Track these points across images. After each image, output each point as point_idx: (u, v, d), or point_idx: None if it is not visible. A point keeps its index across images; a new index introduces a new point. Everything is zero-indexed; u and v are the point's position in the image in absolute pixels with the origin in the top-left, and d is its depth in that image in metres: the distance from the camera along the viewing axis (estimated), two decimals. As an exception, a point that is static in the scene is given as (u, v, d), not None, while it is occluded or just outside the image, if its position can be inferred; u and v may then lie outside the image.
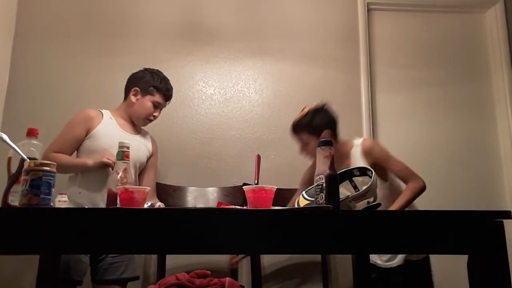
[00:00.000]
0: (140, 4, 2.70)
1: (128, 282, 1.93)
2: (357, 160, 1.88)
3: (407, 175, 1.85)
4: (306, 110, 1.93)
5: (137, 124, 2.09)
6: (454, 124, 2.72)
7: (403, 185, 1.89)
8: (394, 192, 1.89)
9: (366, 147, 1.88)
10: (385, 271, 1.92)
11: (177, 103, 2.58)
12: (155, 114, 2.06)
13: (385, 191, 1.87)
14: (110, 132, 1.96)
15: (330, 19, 2.78)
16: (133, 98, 2.03)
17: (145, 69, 2.09)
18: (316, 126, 1.86)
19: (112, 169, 1.74)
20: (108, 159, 1.80)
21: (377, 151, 1.88)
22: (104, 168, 1.82)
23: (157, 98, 2.03)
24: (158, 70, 2.09)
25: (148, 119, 2.06)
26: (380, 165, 1.86)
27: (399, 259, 1.89)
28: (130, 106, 2.05)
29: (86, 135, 1.94)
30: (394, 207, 1.79)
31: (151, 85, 2.02)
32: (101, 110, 2.04)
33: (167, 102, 2.10)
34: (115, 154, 1.33)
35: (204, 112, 2.59)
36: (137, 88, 2.03)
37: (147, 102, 2.02)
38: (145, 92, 2.02)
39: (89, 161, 1.84)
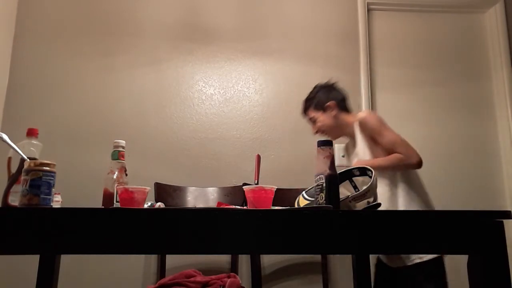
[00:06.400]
0: (140, 4, 2.70)
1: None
2: (358, 134, 1.81)
3: (401, 148, 1.73)
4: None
5: None
6: (454, 124, 2.72)
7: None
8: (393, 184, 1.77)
9: (360, 119, 1.79)
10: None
11: (177, 103, 2.58)
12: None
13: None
14: None
15: (330, 19, 2.78)
16: None
17: None
18: (321, 100, 1.87)
19: None
20: None
21: (371, 122, 1.77)
22: None
23: None
24: None
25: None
26: (374, 138, 1.77)
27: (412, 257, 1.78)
28: None
29: None
30: (373, 160, 1.72)
31: None
32: None
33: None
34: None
35: (204, 112, 2.59)
36: None
37: None
38: None
39: None
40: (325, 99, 1.88)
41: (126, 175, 1.33)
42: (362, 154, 1.82)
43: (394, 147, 1.74)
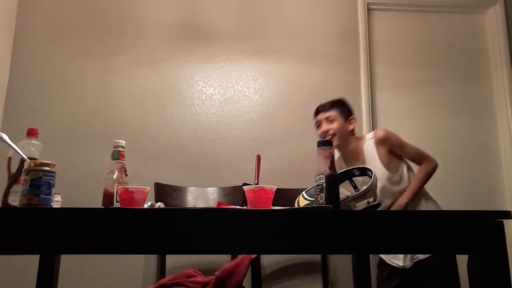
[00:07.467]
0: (140, 4, 2.70)
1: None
2: (371, 152, 1.89)
3: (421, 157, 1.92)
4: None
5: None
6: (454, 124, 2.72)
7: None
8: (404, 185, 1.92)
9: (379, 136, 1.90)
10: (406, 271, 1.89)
11: (177, 103, 2.58)
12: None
13: (395, 185, 1.89)
14: None
15: (330, 19, 2.78)
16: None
17: None
18: (348, 110, 1.98)
19: None
20: None
21: (393, 137, 1.92)
22: None
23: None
24: None
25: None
26: (394, 152, 1.91)
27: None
28: None
29: None
30: (409, 190, 1.86)
31: None
32: None
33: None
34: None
35: (204, 112, 2.59)
36: None
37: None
38: None
39: None
40: (351, 112, 1.99)
41: (126, 175, 1.33)
42: (373, 167, 1.87)
43: (418, 157, 1.94)
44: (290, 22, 2.76)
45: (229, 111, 2.60)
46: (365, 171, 1.49)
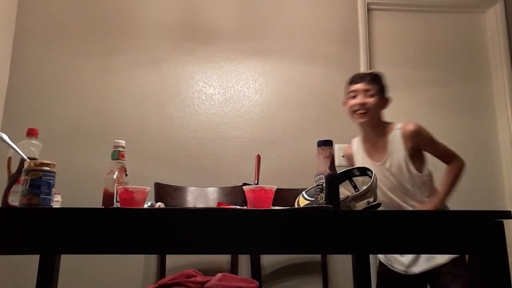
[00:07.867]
0: (140, 4, 2.70)
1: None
2: (397, 145, 1.79)
3: (451, 156, 1.82)
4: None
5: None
6: (454, 124, 2.72)
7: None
8: (431, 185, 1.82)
9: (409, 130, 1.78)
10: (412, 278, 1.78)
11: (177, 103, 2.58)
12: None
13: (423, 185, 1.78)
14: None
15: (330, 19, 2.78)
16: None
17: None
18: (386, 89, 1.86)
19: None
20: None
21: (424, 132, 1.80)
22: None
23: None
24: None
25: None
26: (419, 148, 1.79)
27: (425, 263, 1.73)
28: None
29: None
30: (443, 192, 1.74)
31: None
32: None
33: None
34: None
35: (204, 112, 2.59)
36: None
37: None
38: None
39: None
40: (387, 92, 1.87)
41: (126, 175, 1.33)
42: (397, 162, 1.79)
43: (448, 155, 1.83)
44: (290, 22, 2.76)
45: (229, 111, 2.60)
46: (365, 171, 1.49)
